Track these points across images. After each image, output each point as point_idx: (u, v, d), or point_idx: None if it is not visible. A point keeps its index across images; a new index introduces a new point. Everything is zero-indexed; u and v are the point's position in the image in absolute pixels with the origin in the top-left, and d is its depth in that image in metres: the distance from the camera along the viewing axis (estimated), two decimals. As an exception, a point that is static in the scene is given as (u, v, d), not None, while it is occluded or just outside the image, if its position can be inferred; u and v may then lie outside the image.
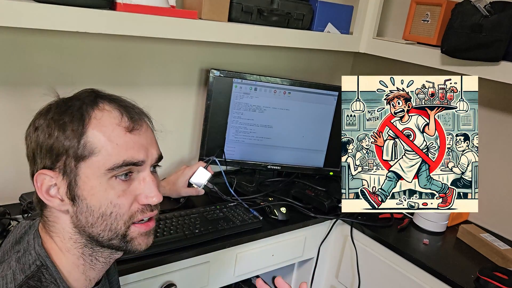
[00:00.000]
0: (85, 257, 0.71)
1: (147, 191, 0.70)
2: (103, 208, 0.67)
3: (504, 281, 1.14)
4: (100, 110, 0.68)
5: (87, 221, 0.68)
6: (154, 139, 0.74)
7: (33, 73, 1.25)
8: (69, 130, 0.66)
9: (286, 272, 1.72)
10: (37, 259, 0.67)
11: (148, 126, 0.73)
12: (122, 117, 0.68)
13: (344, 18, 1.56)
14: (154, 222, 0.74)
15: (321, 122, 1.67)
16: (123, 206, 0.68)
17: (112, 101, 0.71)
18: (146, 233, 0.72)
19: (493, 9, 1.25)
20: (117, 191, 0.67)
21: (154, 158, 0.72)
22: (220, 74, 1.53)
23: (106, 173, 0.66)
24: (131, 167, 0.68)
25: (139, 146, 0.69)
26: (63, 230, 0.70)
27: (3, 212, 1.13)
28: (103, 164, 0.66)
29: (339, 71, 1.98)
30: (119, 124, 0.68)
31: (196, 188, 1.40)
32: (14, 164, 1.29)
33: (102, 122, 0.67)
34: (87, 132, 0.66)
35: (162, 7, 1.13)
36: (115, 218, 0.68)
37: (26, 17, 0.93)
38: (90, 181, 0.66)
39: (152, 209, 0.71)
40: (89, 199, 0.67)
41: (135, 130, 0.69)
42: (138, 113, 0.72)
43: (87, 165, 0.66)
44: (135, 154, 0.68)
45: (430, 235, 1.44)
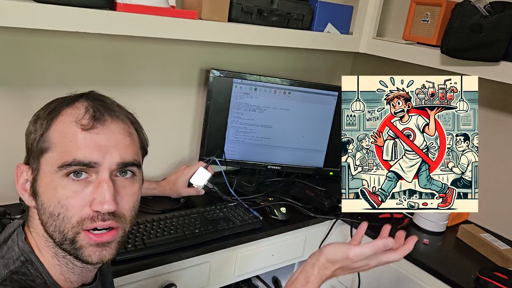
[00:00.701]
0: (59, 258, 0.68)
1: (100, 197, 0.63)
2: (52, 207, 0.64)
3: (504, 281, 1.14)
4: (71, 107, 0.66)
5: (42, 219, 0.66)
6: (123, 143, 0.67)
7: (33, 73, 1.25)
8: (38, 124, 0.66)
9: (286, 272, 1.72)
10: (20, 255, 0.66)
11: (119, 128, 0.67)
12: (84, 115, 0.65)
13: (344, 18, 1.56)
14: (112, 236, 0.66)
15: (321, 122, 1.67)
16: (71, 208, 0.63)
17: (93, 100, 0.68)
18: (98, 245, 0.65)
19: (493, 9, 1.25)
20: (67, 191, 0.63)
21: (114, 162, 0.65)
22: (220, 74, 1.53)
23: (57, 171, 0.63)
24: (83, 168, 0.63)
25: (94, 146, 0.64)
26: (37, 226, 0.68)
27: (3, 212, 1.13)
28: (56, 160, 0.64)
29: (339, 71, 1.98)
30: (77, 121, 0.64)
31: (197, 188, 1.41)
32: (14, 164, 1.29)
33: (64, 119, 0.65)
34: (51, 128, 0.65)
35: (162, 7, 1.13)
36: (62, 220, 0.63)
37: (26, 17, 0.93)
38: (46, 176, 0.65)
39: (105, 218, 0.64)
40: (42, 196, 0.65)
41: (94, 129, 0.64)
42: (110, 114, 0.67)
43: (45, 160, 0.65)
44: (88, 154, 0.63)
45: (430, 235, 1.44)
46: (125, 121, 0.69)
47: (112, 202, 0.64)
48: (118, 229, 0.67)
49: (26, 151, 0.69)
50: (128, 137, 0.68)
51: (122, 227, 0.68)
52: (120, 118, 0.68)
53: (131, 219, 0.69)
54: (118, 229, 0.67)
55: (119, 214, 0.67)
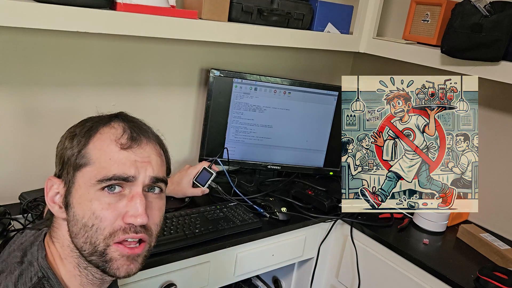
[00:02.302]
0: (81, 269, 0.71)
1: (133, 210, 0.68)
2: (85, 218, 0.67)
3: (504, 281, 1.14)
4: (108, 127, 0.72)
5: (72, 231, 0.69)
6: (155, 161, 0.73)
7: (33, 73, 1.25)
8: (75, 140, 0.70)
9: (286, 272, 1.72)
10: (39, 271, 0.68)
11: (150, 148, 0.73)
12: (123, 134, 0.71)
13: (344, 18, 1.56)
14: (142, 250, 0.70)
15: (321, 122, 1.67)
16: (104, 220, 0.67)
17: (127, 121, 0.74)
18: (128, 258, 0.69)
19: (493, 9, 1.25)
20: (102, 203, 0.67)
21: (149, 176, 0.70)
22: (220, 74, 1.53)
23: (95, 184, 0.67)
24: (121, 182, 0.68)
25: (131, 162, 0.69)
26: (63, 237, 0.71)
27: (3, 212, 1.13)
28: (94, 175, 0.68)
29: (339, 71, 1.98)
30: (116, 140, 0.70)
31: (202, 188, 1.41)
32: (14, 164, 1.29)
33: (103, 137, 0.70)
34: (89, 145, 0.70)
35: (162, 7, 1.13)
36: (95, 232, 0.67)
37: (26, 17, 0.93)
38: (80, 189, 0.68)
39: (137, 231, 0.69)
40: (76, 208, 0.68)
41: (132, 148, 0.70)
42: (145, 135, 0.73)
43: (81, 174, 0.69)
44: (126, 169, 0.68)
45: (430, 235, 1.44)
46: (157, 143, 0.76)
47: (145, 215, 0.68)
48: (146, 243, 0.71)
49: (59, 165, 0.72)
50: (159, 158, 0.74)
51: (149, 241, 0.72)
52: (153, 140, 0.75)
53: (156, 233, 0.74)
54: (146, 243, 0.71)
55: (148, 228, 0.71)
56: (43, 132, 1.30)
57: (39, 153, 1.31)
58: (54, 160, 0.75)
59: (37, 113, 1.28)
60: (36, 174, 1.32)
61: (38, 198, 1.24)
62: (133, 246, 0.69)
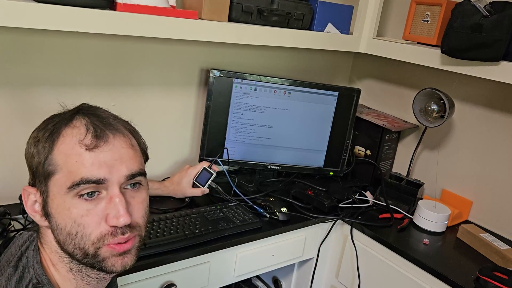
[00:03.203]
0: (74, 272, 0.70)
1: (113, 212, 0.66)
2: (68, 227, 0.65)
3: (504, 281, 1.14)
4: (70, 127, 0.67)
5: (59, 239, 0.68)
6: (127, 156, 0.69)
7: (33, 73, 1.25)
8: (40, 147, 0.67)
9: (286, 272, 1.72)
10: (33, 277, 0.68)
11: (121, 142, 0.69)
12: (86, 134, 0.66)
13: (344, 18, 1.56)
14: (131, 244, 0.69)
15: (321, 122, 1.67)
16: (88, 226, 0.65)
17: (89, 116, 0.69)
18: (120, 254, 0.68)
19: (493, 9, 1.25)
20: (80, 210, 0.65)
21: (122, 175, 0.67)
22: (220, 74, 1.53)
23: (67, 192, 0.65)
24: (92, 185, 0.65)
25: (100, 163, 0.65)
26: (51, 243, 0.70)
27: (3, 212, 1.13)
28: (64, 182, 0.65)
29: (339, 71, 1.98)
30: (80, 142, 0.66)
31: (202, 188, 1.41)
32: (14, 164, 1.29)
33: (66, 140, 0.66)
34: (53, 150, 0.66)
35: (162, 7, 1.13)
36: (81, 238, 0.65)
37: (26, 17, 0.93)
38: (56, 199, 0.66)
39: (124, 231, 0.67)
40: (56, 217, 0.67)
41: (98, 147, 0.66)
42: (110, 129, 0.69)
43: (52, 183, 0.66)
44: (94, 171, 0.65)
45: (430, 235, 1.44)
46: (125, 133, 0.71)
47: (126, 214, 0.66)
48: (135, 237, 0.70)
49: (30, 173, 0.69)
50: (131, 149, 0.70)
51: (139, 234, 0.71)
52: (121, 131, 0.70)
53: (144, 224, 0.72)
54: (135, 237, 0.70)
55: (134, 224, 0.69)
56: (43, 132, 1.30)
57: (39, 153, 1.31)
58: None
59: (37, 113, 1.28)
60: (36, 174, 1.32)
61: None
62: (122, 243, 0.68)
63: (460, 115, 1.61)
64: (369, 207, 1.57)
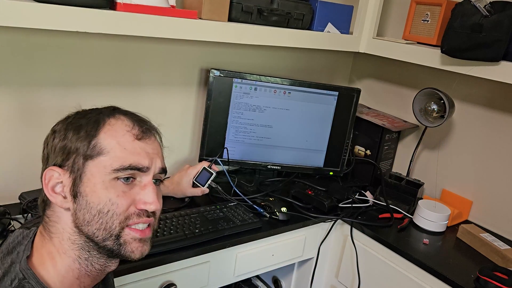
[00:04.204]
0: (81, 261, 0.72)
1: (146, 197, 0.72)
2: (101, 205, 0.69)
3: (504, 281, 1.14)
4: (115, 118, 0.74)
5: (83, 219, 0.70)
6: (160, 152, 0.78)
7: (33, 73, 1.25)
8: (82, 131, 0.71)
9: (286, 272, 1.72)
10: (19, 272, 0.68)
11: (156, 140, 0.78)
12: (134, 126, 0.74)
13: (344, 18, 1.56)
14: (150, 232, 0.75)
15: (321, 122, 1.67)
16: (120, 206, 0.70)
17: (128, 114, 0.77)
18: (140, 240, 0.73)
19: (493, 9, 1.25)
20: (117, 190, 0.70)
21: (158, 168, 0.75)
22: (220, 74, 1.53)
23: (111, 173, 0.69)
24: (135, 172, 0.71)
25: (145, 153, 0.73)
26: (63, 230, 0.72)
27: (3, 212, 1.13)
28: (110, 164, 0.70)
29: (339, 71, 1.98)
30: (129, 131, 0.73)
31: (201, 188, 1.41)
32: (14, 164, 1.29)
33: (115, 128, 0.72)
34: (99, 135, 0.71)
35: (162, 7, 1.13)
36: (111, 217, 0.69)
37: (26, 17, 0.93)
38: (94, 178, 0.70)
39: (149, 215, 0.73)
40: (89, 196, 0.69)
41: (144, 139, 0.74)
42: (149, 126, 0.77)
43: (94, 163, 0.70)
44: (141, 160, 0.72)
45: (430, 235, 1.44)
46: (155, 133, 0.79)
47: (157, 202, 0.73)
48: (152, 226, 0.76)
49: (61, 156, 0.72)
50: (161, 149, 0.79)
51: (154, 225, 0.76)
52: (155, 130, 0.79)
53: (159, 217, 0.79)
54: (152, 226, 0.76)
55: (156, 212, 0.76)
56: (43, 132, 1.30)
57: (39, 153, 1.31)
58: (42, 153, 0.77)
59: (37, 113, 1.28)
60: (36, 174, 1.32)
61: (38, 198, 1.23)
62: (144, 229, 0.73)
63: (460, 115, 1.61)
64: (369, 207, 1.57)
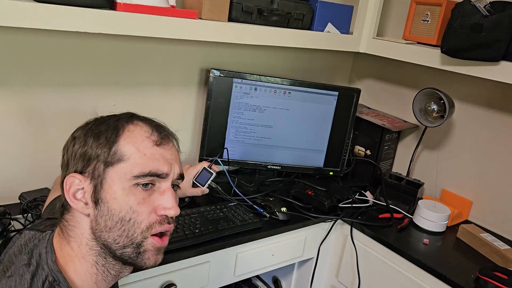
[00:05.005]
0: (98, 266, 0.73)
1: (165, 203, 0.73)
2: (123, 212, 0.69)
3: (504, 281, 1.14)
4: (134, 125, 0.74)
5: (105, 225, 0.70)
6: (178, 158, 0.79)
7: (33, 73, 1.25)
8: (102, 138, 0.71)
9: (286, 272, 1.72)
10: (49, 275, 0.69)
11: (174, 145, 0.78)
12: (152, 132, 0.74)
13: (344, 18, 1.56)
14: (167, 241, 0.76)
15: (321, 122, 1.67)
16: (141, 214, 0.70)
17: (146, 120, 0.77)
18: (158, 250, 0.74)
19: (493, 9, 1.25)
20: (137, 198, 0.70)
21: (177, 173, 0.76)
22: (220, 74, 1.53)
23: (131, 180, 0.70)
24: (154, 178, 0.72)
25: (164, 159, 0.73)
26: (81, 235, 0.72)
27: (3, 212, 1.13)
28: (130, 170, 0.70)
29: (339, 71, 1.98)
30: (148, 137, 0.73)
31: (201, 188, 1.41)
32: (14, 164, 1.29)
33: (134, 134, 0.73)
34: (119, 141, 0.71)
35: (162, 7, 1.13)
36: (133, 225, 0.70)
37: (26, 17, 0.93)
38: (114, 184, 0.70)
39: (169, 221, 0.74)
40: (110, 203, 0.70)
41: (162, 145, 0.74)
42: (167, 132, 0.78)
43: (114, 170, 0.70)
44: (160, 166, 0.72)
45: (430, 235, 1.44)
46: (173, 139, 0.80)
47: (177, 207, 0.74)
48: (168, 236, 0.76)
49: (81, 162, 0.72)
50: (179, 154, 0.81)
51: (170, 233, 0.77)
52: (172, 136, 0.79)
53: None
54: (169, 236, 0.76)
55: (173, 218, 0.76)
56: (43, 132, 1.30)
57: (39, 153, 1.31)
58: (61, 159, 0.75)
59: (37, 113, 1.28)
60: (36, 174, 1.32)
61: (38, 198, 1.24)
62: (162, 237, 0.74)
63: (460, 115, 1.61)
64: (369, 207, 1.57)
